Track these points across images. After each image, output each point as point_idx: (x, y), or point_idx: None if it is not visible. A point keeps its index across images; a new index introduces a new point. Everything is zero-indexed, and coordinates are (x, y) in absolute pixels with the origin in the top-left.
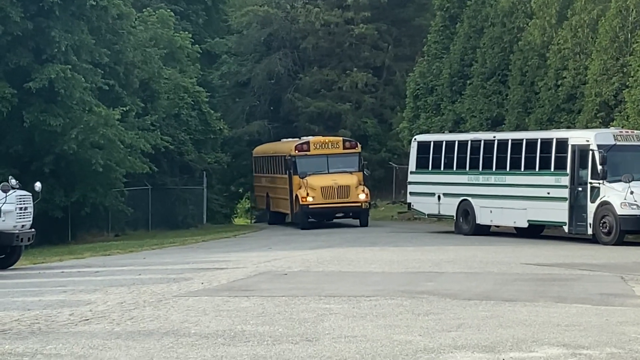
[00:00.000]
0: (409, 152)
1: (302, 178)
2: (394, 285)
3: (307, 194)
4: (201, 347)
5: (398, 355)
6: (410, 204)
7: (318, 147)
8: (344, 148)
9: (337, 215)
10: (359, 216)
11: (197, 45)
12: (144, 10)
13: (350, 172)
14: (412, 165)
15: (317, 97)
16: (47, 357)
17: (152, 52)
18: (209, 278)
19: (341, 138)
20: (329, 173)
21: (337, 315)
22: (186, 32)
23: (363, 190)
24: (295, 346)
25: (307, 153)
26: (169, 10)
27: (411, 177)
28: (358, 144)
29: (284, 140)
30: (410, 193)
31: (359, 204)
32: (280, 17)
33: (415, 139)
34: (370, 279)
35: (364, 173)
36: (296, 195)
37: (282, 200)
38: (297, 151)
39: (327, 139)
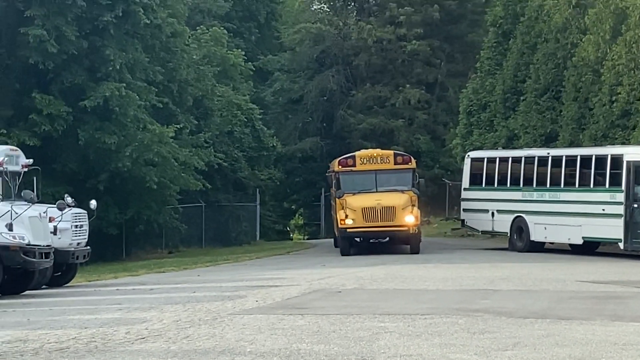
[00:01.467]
0: (462, 169)
1: (339, 198)
2: (449, 303)
3: (346, 216)
4: None
5: None
6: (463, 220)
7: (365, 161)
8: (396, 163)
9: (381, 240)
10: (409, 242)
11: (250, 63)
12: (197, 28)
13: (402, 191)
14: (465, 181)
15: (370, 114)
16: None
17: (205, 70)
18: (263, 296)
19: (392, 152)
20: (377, 192)
21: (392, 334)
22: (239, 50)
23: (412, 212)
24: None
25: (353, 169)
26: (222, 28)
27: (465, 194)
28: (412, 158)
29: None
30: (463, 210)
31: (406, 228)
32: (332, 34)
33: (468, 155)
34: (425, 296)
35: (418, 191)
36: (336, 218)
37: None
38: (341, 166)
39: (375, 152)
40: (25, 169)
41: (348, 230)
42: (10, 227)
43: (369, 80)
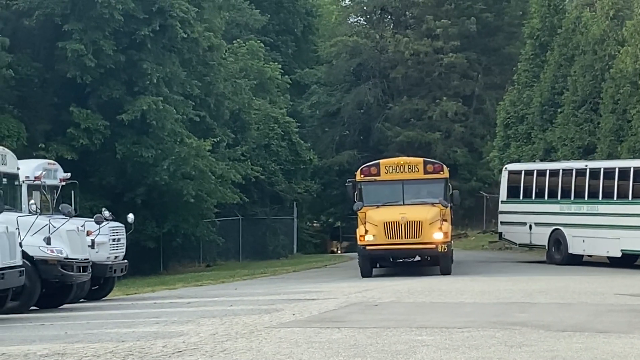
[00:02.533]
0: (500, 181)
1: (358, 210)
2: (486, 316)
3: (366, 232)
4: None
5: None
6: (501, 233)
7: (391, 170)
8: (426, 172)
9: (407, 259)
10: (438, 261)
11: (286, 76)
12: (234, 41)
13: (433, 204)
14: (503, 194)
15: (407, 127)
16: None
17: (242, 84)
18: (300, 309)
19: (422, 159)
20: (404, 204)
21: (429, 347)
22: (276, 63)
23: (440, 228)
24: None
25: (377, 178)
26: (258, 41)
27: (502, 207)
28: (444, 167)
29: None
30: (501, 222)
31: (434, 246)
32: (369, 47)
33: (506, 168)
34: (462, 309)
35: (451, 204)
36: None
37: None
38: (363, 175)
39: (402, 159)
40: (63, 183)
41: (367, 248)
42: (48, 240)
43: (406, 93)
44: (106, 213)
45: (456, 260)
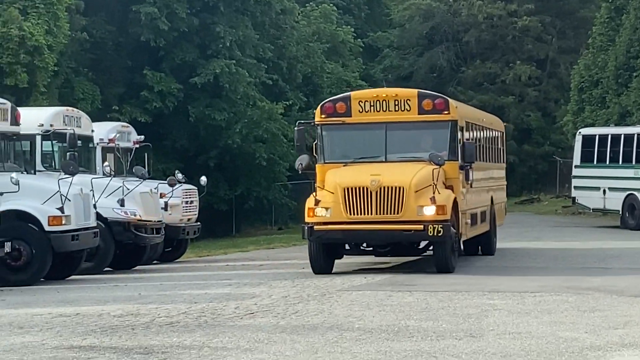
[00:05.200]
0: (574, 146)
1: (300, 168)
2: (559, 280)
3: (317, 204)
4: (365, 341)
5: (564, 352)
6: (574, 198)
7: (367, 107)
8: (421, 111)
9: (378, 248)
10: (434, 248)
11: (359, 40)
12: (306, 5)
13: (431, 161)
14: (576, 159)
15: (480, 91)
16: (213, 350)
17: (314, 47)
18: (372, 272)
19: (415, 91)
20: (386, 162)
21: (501, 311)
22: (348, 27)
23: (433, 200)
24: (459, 342)
25: (345, 120)
26: (331, 4)
27: (576, 171)
28: (450, 102)
29: None
30: (574, 187)
31: (421, 227)
32: (442, 11)
33: (580, 132)
34: (534, 274)
35: (464, 162)
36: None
37: None
38: (324, 115)
39: (385, 91)
40: (137, 146)
41: (317, 228)
42: (122, 202)
43: (479, 56)
44: (179, 175)
45: (529, 223)
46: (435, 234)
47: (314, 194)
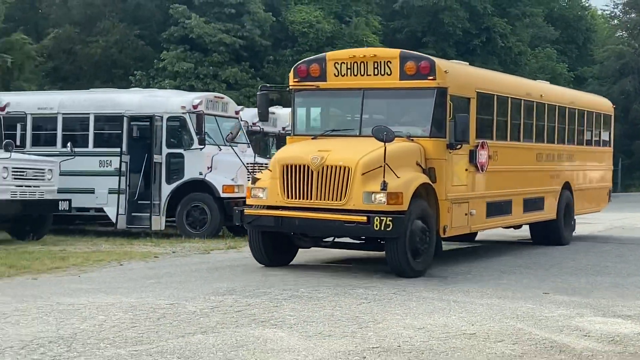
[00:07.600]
0: None
1: (230, 143)
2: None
3: (254, 182)
4: (576, 275)
5: None
6: None
7: (344, 71)
8: (403, 76)
9: (322, 238)
10: (385, 246)
11: (571, 72)
12: (535, 48)
13: (374, 136)
14: None
15: None
16: None
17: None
18: (578, 228)
19: (398, 50)
20: (360, 135)
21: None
22: (564, 63)
23: (383, 186)
24: None
25: (320, 84)
26: (553, 49)
27: None
28: (437, 64)
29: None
30: None
31: (364, 217)
32: (630, 52)
33: None
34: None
35: (455, 138)
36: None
37: None
38: (297, 79)
39: (364, 51)
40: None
41: (247, 212)
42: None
43: None
44: None
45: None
46: (382, 227)
47: (252, 170)
